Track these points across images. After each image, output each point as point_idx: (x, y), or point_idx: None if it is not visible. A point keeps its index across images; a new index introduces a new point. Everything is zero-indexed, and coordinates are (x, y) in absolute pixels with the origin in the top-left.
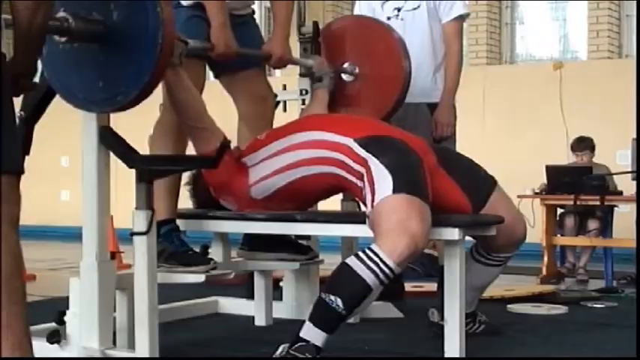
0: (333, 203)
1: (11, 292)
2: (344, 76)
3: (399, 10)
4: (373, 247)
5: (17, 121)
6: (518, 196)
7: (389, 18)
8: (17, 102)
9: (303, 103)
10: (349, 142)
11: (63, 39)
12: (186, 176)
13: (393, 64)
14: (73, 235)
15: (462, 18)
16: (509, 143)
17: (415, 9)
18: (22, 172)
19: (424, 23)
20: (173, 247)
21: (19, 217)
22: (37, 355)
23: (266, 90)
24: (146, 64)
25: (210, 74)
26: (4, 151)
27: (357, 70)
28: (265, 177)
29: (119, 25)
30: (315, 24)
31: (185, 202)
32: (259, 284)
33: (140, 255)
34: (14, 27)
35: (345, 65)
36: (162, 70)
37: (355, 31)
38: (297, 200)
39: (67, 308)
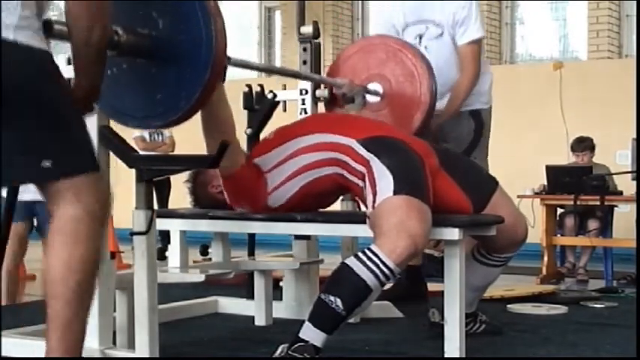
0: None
1: (77, 288)
2: (368, 97)
3: (420, 37)
4: (373, 247)
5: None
6: (518, 196)
7: None
8: None
9: (303, 103)
10: (351, 142)
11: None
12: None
13: (418, 84)
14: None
15: (477, 42)
16: (510, 143)
17: (438, 37)
18: (70, 173)
19: (449, 51)
20: None
21: (97, 212)
22: (37, 355)
23: None
24: (204, 61)
25: None
26: (63, 155)
27: (381, 91)
28: (279, 185)
29: (167, 34)
30: (315, 24)
31: (184, 201)
32: (259, 284)
33: (140, 255)
34: (72, 50)
35: (370, 85)
36: (221, 67)
37: (367, 52)
38: (309, 204)
39: None
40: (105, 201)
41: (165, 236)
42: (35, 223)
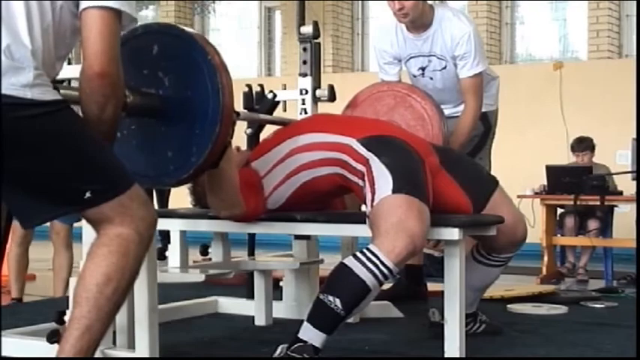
0: None
1: (110, 296)
2: None
3: (423, 69)
4: (371, 247)
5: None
6: (518, 196)
7: (415, 76)
8: None
9: (303, 103)
10: (351, 142)
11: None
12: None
13: (430, 126)
14: (73, 235)
15: (478, 75)
16: (510, 143)
17: (443, 69)
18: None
19: (454, 79)
20: None
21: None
22: (37, 355)
23: None
24: (212, 116)
25: None
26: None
27: None
28: (278, 185)
29: (174, 92)
30: (315, 24)
31: (183, 201)
32: (259, 284)
33: None
34: (84, 120)
35: None
36: (229, 120)
37: (375, 100)
38: (306, 202)
39: (67, 308)
40: (150, 221)
41: (165, 236)
42: None
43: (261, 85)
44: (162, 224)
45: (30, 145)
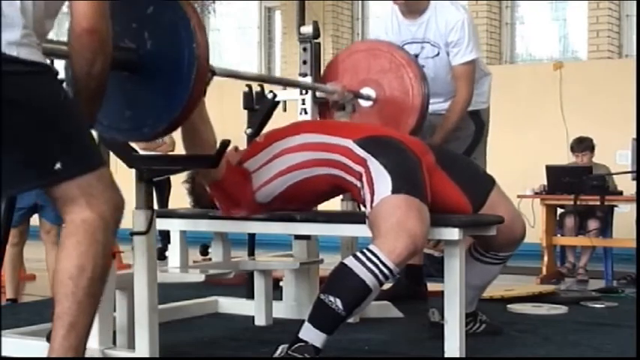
0: (333, 203)
1: (87, 288)
2: (361, 102)
3: (416, 56)
4: (372, 247)
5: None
6: (518, 196)
7: None
8: None
9: (303, 103)
10: (349, 143)
11: None
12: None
13: (410, 88)
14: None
15: (470, 63)
16: (509, 143)
17: (435, 56)
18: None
19: (447, 67)
20: None
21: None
22: (36, 355)
23: None
24: (178, 98)
25: None
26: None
27: (374, 95)
28: (267, 181)
29: (152, 55)
30: (315, 24)
31: (183, 201)
32: (259, 284)
33: (140, 255)
34: (73, 79)
35: (363, 90)
36: (193, 107)
37: (372, 55)
38: (299, 201)
39: None
40: (116, 204)
41: (165, 236)
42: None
43: (261, 85)
44: (163, 224)
45: (9, 102)
